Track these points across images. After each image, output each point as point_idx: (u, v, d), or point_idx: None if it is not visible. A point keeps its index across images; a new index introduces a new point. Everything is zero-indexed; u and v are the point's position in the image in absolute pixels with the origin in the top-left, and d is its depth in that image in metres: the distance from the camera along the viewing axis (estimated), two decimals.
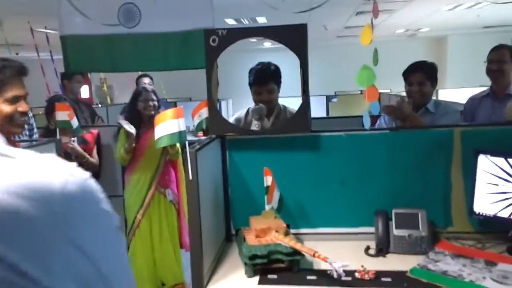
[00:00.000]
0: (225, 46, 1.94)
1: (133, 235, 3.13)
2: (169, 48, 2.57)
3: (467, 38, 11.28)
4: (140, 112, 3.18)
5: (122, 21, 2.54)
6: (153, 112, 3.08)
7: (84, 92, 9.73)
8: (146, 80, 4.34)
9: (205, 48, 1.93)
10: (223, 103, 7.06)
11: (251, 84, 2.61)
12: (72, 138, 2.96)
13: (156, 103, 3.20)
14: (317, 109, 7.16)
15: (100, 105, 7.02)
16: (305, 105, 1.98)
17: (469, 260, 1.79)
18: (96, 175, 3.26)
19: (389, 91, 8.68)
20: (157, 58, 2.61)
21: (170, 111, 1.66)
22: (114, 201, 2.78)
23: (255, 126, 2.52)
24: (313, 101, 7.43)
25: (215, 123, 2.00)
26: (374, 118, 2.73)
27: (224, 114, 7.30)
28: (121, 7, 2.54)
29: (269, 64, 2.64)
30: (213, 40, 1.93)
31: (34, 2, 3.98)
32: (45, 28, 6.17)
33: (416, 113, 2.56)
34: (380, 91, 7.05)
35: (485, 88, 2.95)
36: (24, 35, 6.47)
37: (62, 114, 2.51)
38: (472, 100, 2.93)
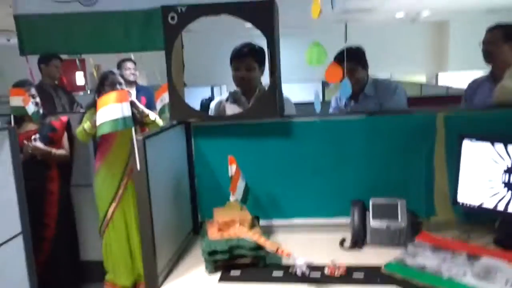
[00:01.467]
0: (185, 24, 1.79)
1: (106, 227, 3.01)
2: (131, 28, 2.41)
3: (469, 23, 10.98)
4: None
5: None
6: None
7: (79, 79, 9.56)
8: (129, 65, 4.15)
9: (163, 27, 1.77)
10: (216, 89, 6.90)
11: (231, 61, 2.45)
12: (34, 137, 2.78)
13: (124, 86, 2.97)
14: (313, 95, 6.99)
15: (89, 92, 6.87)
16: (273, 88, 1.82)
17: (449, 254, 1.65)
18: (67, 165, 3.11)
19: (388, 75, 8.48)
20: (118, 39, 2.45)
21: (113, 94, 1.51)
22: (88, 190, 2.65)
23: (230, 111, 2.37)
24: (309, 87, 7.28)
25: (176, 109, 1.85)
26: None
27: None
28: None
29: (252, 43, 2.49)
30: (172, 18, 1.78)
31: None
32: None
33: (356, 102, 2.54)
34: (380, 76, 6.79)
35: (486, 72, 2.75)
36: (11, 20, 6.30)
37: (17, 100, 2.36)
38: (472, 83, 2.74)
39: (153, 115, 2.91)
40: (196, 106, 5.40)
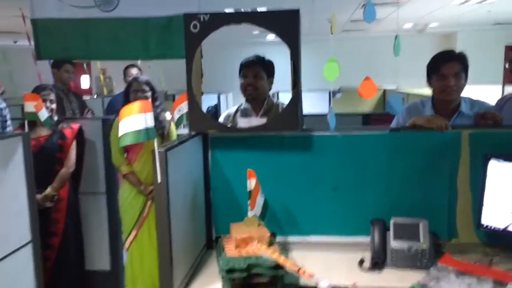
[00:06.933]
0: (207, 33, 1.74)
1: (130, 244, 2.93)
2: (149, 35, 2.37)
3: (477, 35, 10.96)
4: None
5: (99, 3, 2.33)
6: None
7: (85, 82, 9.56)
8: (133, 71, 4.12)
9: (184, 35, 1.73)
10: (223, 97, 6.86)
11: (240, 70, 2.42)
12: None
13: (148, 94, 2.91)
14: (320, 105, 6.93)
15: (95, 96, 6.82)
16: (296, 100, 1.78)
17: (475, 279, 1.59)
18: (77, 172, 3.04)
19: (395, 87, 8.45)
20: (136, 46, 2.41)
21: (136, 105, 1.46)
22: (96, 198, 2.59)
23: (243, 124, 2.32)
24: (316, 96, 7.19)
25: (195, 119, 1.81)
26: (390, 117, 2.46)
27: (223, 108, 7.08)
28: None
29: (262, 56, 2.47)
30: (194, 26, 1.73)
31: None
32: None
33: (447, 120, 1.97)
34: (387, 87, 6.69)
35: (498, 87, 2.66)
36: (19, 22, 6.28)
37: (30, 105, 2.32)
38: (500, 101, 2.61)
39: (175, 135, 2.87)
40: None
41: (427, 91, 2.40)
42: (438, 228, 1.83)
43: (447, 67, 2.13)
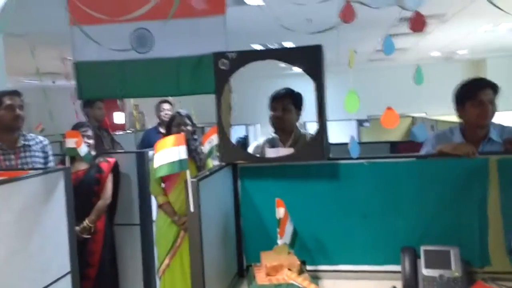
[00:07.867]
0: (235, 69, 1.85)
1: (163, 273, 3.01)
2: (182, 73, 2.52)
3: (506, 61, 10.82)
4: None
5: (135, 46, 2.52)
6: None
7: (120, 118, 9.89)
8: (166, 106, 4.29)
9: (214, 72, 1.84)
10: (251, 128, 6.99)
11: (269, 103, 2.53)
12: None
13: (189, 127, 3.09)
14: (348, 134, 6.93)
15: (129, 131, 7.08)
16: (321, 131, 1.83)
17: None
18: (112, 204, 3.15)
19: (424, 115, 8.39)
20: (170, 83, 2.57)
21: (170, 138, 1.56)
22: (131, 229, 2.68)
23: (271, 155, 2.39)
24: (344, 126, 7.22)
25: (225, 150, 1.89)
26: (418, 145, 2.48)
27: (252, 139, 7.20)
28: (134, 33, 2.52)
29: (290, 88, 2.57)
30: (223, 64, 1.84)
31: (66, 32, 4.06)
32: None
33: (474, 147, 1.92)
34: (415, 115, 6.63)
35: None
36: (58, 63, 6.67)
37: (71, 141, 2.47)
38: None
39: (210, 164, 2.98)
40: None
41: (456, 118, 2.41)
42: (470, 256, 1.81)
43: (484, 93, 2.16)
